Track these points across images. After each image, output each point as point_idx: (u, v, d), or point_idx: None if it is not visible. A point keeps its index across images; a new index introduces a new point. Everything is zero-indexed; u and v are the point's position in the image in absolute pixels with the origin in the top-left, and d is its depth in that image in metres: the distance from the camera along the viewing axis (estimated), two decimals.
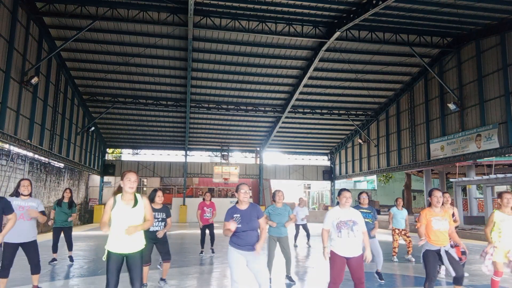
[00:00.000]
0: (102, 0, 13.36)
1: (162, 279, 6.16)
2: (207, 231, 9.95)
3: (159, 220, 5.99)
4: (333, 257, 4.49)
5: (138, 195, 4.07)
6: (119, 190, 4.05)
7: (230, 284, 4.36)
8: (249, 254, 4.27)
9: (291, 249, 7.80)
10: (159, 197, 6.11)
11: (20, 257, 5.38)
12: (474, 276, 7.35)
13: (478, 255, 9.92)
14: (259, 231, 4.44)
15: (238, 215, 4.31)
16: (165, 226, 6.08)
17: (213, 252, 9.98)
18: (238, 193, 4.42)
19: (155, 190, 6.17)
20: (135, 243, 3.95)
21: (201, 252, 9.99)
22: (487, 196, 18.92)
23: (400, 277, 7.42)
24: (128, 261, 3.94)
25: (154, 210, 5.95)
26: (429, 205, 5.09)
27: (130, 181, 3.93)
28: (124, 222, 3.90)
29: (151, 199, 6.06)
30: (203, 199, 9.98)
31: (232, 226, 4.17)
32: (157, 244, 6.02)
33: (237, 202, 4.49)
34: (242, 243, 4.27)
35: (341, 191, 4.69)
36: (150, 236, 5.83)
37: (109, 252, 3.89)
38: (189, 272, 7.59)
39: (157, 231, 5.94)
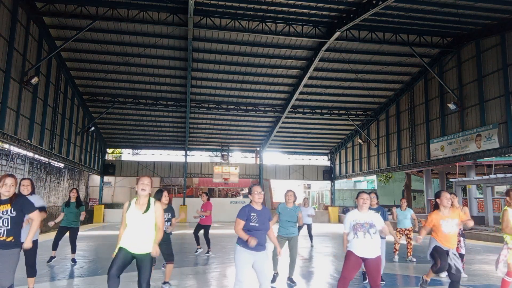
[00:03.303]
0: (102, 0, 13.37)
1: (165, 282, 6.06)
2: (202, 231, 9.94)
3: (165, 220, 6.02)
4: (349, 255, 4.57)
5: (151, 200, 4.19)
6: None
7: (231, 284, 4.37)
8: (258, 254, 4.31)
9: None
10: (165, 197, 6.18)
11: (20, 256, 5.36)
12: (474, 276, 7.35)
13: (475, 255, 9.91)
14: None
15: (255, 214, 4.36)
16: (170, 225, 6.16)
17: (207, 252, 9.91)
18: (253, 194, 4.45)
19: (160, 191, 6.17)
20: (145, 245, 4.07)
21: (196, 251, 9.96)
22: (487, 196, 18.91)
23: (401, 277, 7.42)
24: (138, 262, 4.06)
25: None
26: (436, 207, 5.06)
27: (143, 184, 4.10)
28: (136, 226, 4.06)
29: (157, 200, 6.07)
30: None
31: (253, 243, 4.16)
32: (161, 245, 5.92)
33: (250, 202, 4.51)
34: None
35: (359, 193, 4.75)
36: None
37: (120, 247, 4.03)
38: (189, 272, 7.58)
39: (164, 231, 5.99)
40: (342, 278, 4.54)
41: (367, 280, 5.00)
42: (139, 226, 4.05)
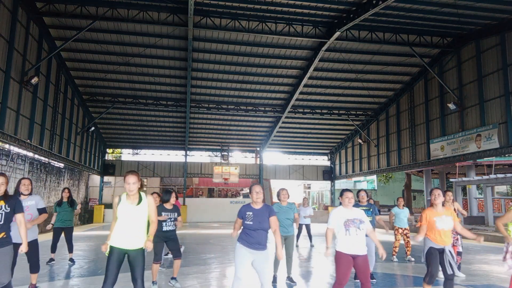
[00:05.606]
0: (102, 0, 13.37)
1: (173, 278, 6.21)
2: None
3: (171, 219, 6.15)
4: (340, 256, 4.50)
5: (143, 194, 4.14)
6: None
7: (232, 282, 4.37)
8: (257, 253, 4.32)
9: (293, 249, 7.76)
10: (173, 198, 6.27)
11: (20, 256, 5.38)
12: (474, 276, 7.34)
13: (479, 254, 9.90)
14: (269, 232, 4.47)
15: (251, 213, 4.38)
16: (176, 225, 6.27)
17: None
18: (251, 194, 4.51)
19: (170, 192, 6.24)
20: (137, 240, 4.02)
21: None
22: (487, 196, 18.92)
23: (400, 277, 7.42)
24: (130, 258, 4.01)
25: (167, 210, 6.15)
26: (431, 205, 5.10)
27: (129, 184, 3.99)
28: (129, 219, 4.00)
29: (166, 200, 6.18)
30: None
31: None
32: (168, 242, 6.16)
33: (251, 201, 4.55)
34: (251, 241, 4.32)
35: (343, 191, 4.73)
36: (163, 235, 5.99)
37: (111, 247, 3.97)
38: (189, 272, 7.58)
39: (170, 230, 6.11)
40: (338, 283, 4.43)
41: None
42: (131, 219, 3.98)
